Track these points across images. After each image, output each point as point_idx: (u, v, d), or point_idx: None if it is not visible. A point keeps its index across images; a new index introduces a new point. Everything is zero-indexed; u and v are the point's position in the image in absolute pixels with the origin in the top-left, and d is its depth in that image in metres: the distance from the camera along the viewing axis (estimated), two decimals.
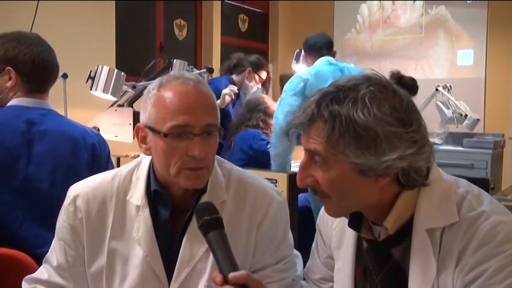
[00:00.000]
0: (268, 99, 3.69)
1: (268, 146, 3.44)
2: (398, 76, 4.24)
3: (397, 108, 1.04)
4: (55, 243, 1.38)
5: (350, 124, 1.01)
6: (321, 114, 1.05)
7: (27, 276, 1.39)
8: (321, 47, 3.72)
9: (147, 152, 1.31)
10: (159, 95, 1.26)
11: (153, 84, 1.29)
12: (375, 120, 1.01)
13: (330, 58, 3.61)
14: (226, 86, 4.08)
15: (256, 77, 4.23)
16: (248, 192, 1.36)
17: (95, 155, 1.91)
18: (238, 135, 3.53)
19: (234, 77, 4.24)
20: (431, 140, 1.13)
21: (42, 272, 1.37)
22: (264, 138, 3.49)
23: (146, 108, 1.28)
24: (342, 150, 1.03)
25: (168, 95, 1.25)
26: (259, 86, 4.28)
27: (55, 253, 1.36)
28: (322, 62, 3.53)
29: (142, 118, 1.29)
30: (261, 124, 3.54)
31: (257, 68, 4.23)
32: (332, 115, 1.03)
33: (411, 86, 4.32)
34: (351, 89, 1.05)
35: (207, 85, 1.32)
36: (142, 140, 1.31)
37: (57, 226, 1.37)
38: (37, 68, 1.87)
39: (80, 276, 1.34)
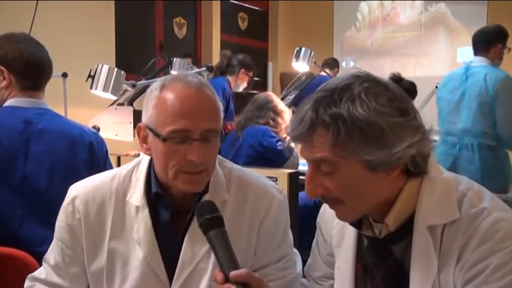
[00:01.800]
0: (275, 97, 3.68)
1: (278, 144, 3.44)
2: (397, 78, 4.25)
3: (393, 99, 1.04)
4: (53, 243, 1.38)
5: (354, 123, 1.01)
6: (321, 120, 1.03)
7: (30, 275, 1.40)
8: (475, 43, 3.53)
9: (148, 151, 1.30)
10: (160, 96, 1.24)
11: (156, 85, 1.28)
12: (376, 114, 1.01)
13: (477, 61, 3.49)
14: (222, 86, 4.17)
15: (247, 77, 4.30)
16: (249, 191, 1.35)
17: (92, 154, 1.91)
18: (246, 130, 3.50)
19: (229, 77, 4.29)
20: (431, 137, 1.13)
21: (42, 271, 1.38)
22: (274, 135, 3.46)
23: (148, 109, 1.27)
24: (351, 150, 1.02)
25: (169, 97, 1.23)
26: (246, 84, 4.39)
27: (53, 252, 1.37)
28: (463, 66, 3.56)
29: (144, 118, 1.28)
30: (271, 122, 3.51)
31: (248, 68, 4.29)
32: (333, 118, 1.02)
33: (409, 89, 4.34)
34: (344, 90, 1.04)
35: (211, 87, 1.29)
36: (144, 140, 1.30)
37: (56, 226, 1.37)
38: (27, 63, 1.88)
39: (76, 276, 1.34)
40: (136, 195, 1.32)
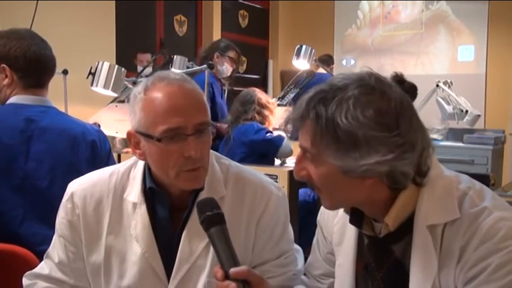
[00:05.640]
0: (258, 92, 3.66)
1: (267, 134, 3.44)
2: (399, 79, 4.22)
3: (382, 112, 1.03)
4: (55, 240, 1.39)
5: (331, 127, 1.02)
6: (308, 114, 1.06)
7: (28, 272, 1.40)
8: None
9: (142, 157, 1.30)
10: (146, 98, 1.24)
11: (138, 88, 1.28)
12: (357, 124, 1.01)
13: None
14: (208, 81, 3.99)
15: (227, 58, 4.12)
16: (247, 188, 1.35)
17: (95, 152, 1.89)
18: (236, 129, 3.52)
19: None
20: (432, 135, 1.12)
21: (43, 268, 1.38)
22: (261, 127, 3.48)
23: (135, 113, 1.26)
24: (323, 150, 1.05)
25: (155, 97, 1.23)
26: (234, 66, 4.19)
27: (56, 249, 1.37)
28: None
29: (133, 123, 1.28)
30: (257, 117, 3.51)
31: (224, 50, 4.11)
32: (317, 116, 1.04)
33: (409, 91, 4.31)
34: (340, 89, 1.05)
35: (193, 83, 1.30)
36: (136, 146, 1.29)
37: (57, 223, 1.38)
38: (30, 62, 1.85)
39: (80, 271, 1.35)
40: (133, 192, 1.33)
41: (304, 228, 2.73)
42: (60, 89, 2.90)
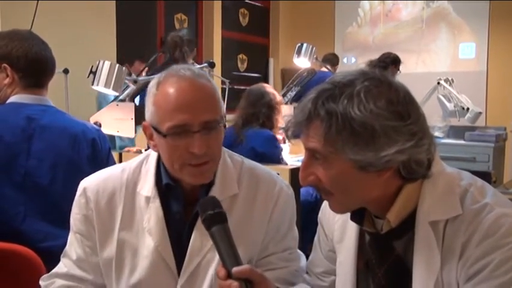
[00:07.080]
0: (270, 88, 3.41)
1: (280, 157, 3.28)
2: (374, 63, 4.24)
3: (393, 102, 1.03)
4: (71, 238, 1.39)
5: (347, 121, 1.01)
6: (317, 113, 1.04)
7: (45, 275, 1.40)
8: None
9: (155, 148, 1.32)
10: (157, 93, 1.26)
11: (153, 82, 1.30)
12: (372, 115, 1.01)
13: None
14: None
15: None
16: (260, 185, 1.37)
17: (95, 150, 1.91)
18: (249, 133, 3.26)
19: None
20: (433, 133, 1.12)
21: (61, 267, 1.39)
22: (277, 145, 3.27)
23: (148, 107, 1.28)
24: (340, 148, 1.03)
25: (164, 93, 1.25)
26: None
27: (73, 247, 1.37)
28: None
29: (147, 116, 1.30)
30: (266, 122, 3.25)
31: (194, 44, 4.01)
32: (328, 113, 1.03)
33: (392, 60, 4.34)
34: (346, 85, 1.04)
35: (206, 76, 1.30)
36: (150, 137, 1.32)
37: (71, 220, 1.38)
38: (31, 62, 1.87)
39: (98, 266, 1.35)
40: (147, 187, 1.34)
41: (306, 226, 2.73)
42: (61, 88, 2.91)
